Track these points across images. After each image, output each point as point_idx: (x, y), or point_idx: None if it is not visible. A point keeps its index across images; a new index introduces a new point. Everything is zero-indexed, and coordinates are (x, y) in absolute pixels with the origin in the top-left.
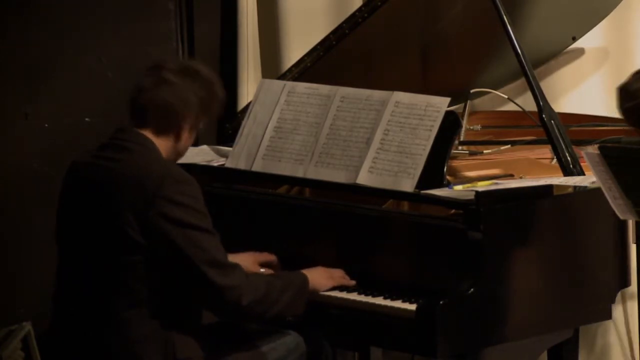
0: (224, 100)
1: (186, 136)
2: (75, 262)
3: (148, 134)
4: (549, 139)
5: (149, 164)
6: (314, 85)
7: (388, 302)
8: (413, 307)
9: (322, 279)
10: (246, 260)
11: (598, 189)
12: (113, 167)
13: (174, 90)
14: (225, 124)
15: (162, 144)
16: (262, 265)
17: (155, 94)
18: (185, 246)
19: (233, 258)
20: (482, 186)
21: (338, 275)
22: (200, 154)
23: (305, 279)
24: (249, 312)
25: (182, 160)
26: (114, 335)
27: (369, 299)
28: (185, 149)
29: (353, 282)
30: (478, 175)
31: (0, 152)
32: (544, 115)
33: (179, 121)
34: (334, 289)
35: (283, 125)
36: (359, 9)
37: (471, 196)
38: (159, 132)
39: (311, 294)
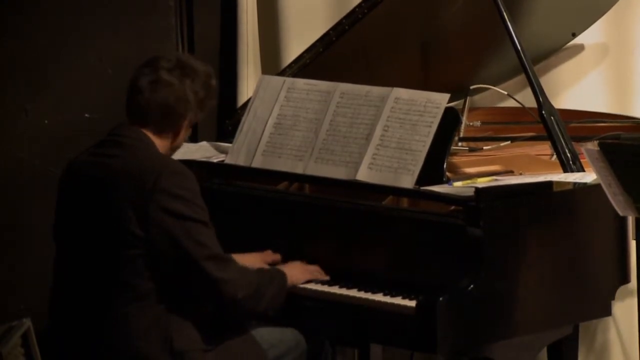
0: (217, 89)
1: (183, 133)
2: (75, 258)
3: (148, 133)
4: (549, 135)
5: (146, 158)
6: (314, 82)
7: (388, 299)
8: (413, 303)
9: (298, 273)
10: (254, 261)
11: (598, 186)
12: (111, 163)
13: (174, 91)
14: (225, 120)
15: (161, 143)
16: (270, 264)
17: (156, 96)
18: (184, 239)
19: (240, 259)
20: (481, 182)
21: (313, 269)
22: (199, 150)
23: (283, 274)
24: (243, 305)
25: (181, 157)
26: (114, 330)
27: (369, 296)
28: (181, 144)
29: (327, 277)
30: (478, 172)
31: (1, 148)
32: (543, 112)
33: (180, 121)
34: (333, 285)
35: (283, 122)
36: (359, 5)
37: (471, 193)
38: (159, 132)
39: (290, 287)
